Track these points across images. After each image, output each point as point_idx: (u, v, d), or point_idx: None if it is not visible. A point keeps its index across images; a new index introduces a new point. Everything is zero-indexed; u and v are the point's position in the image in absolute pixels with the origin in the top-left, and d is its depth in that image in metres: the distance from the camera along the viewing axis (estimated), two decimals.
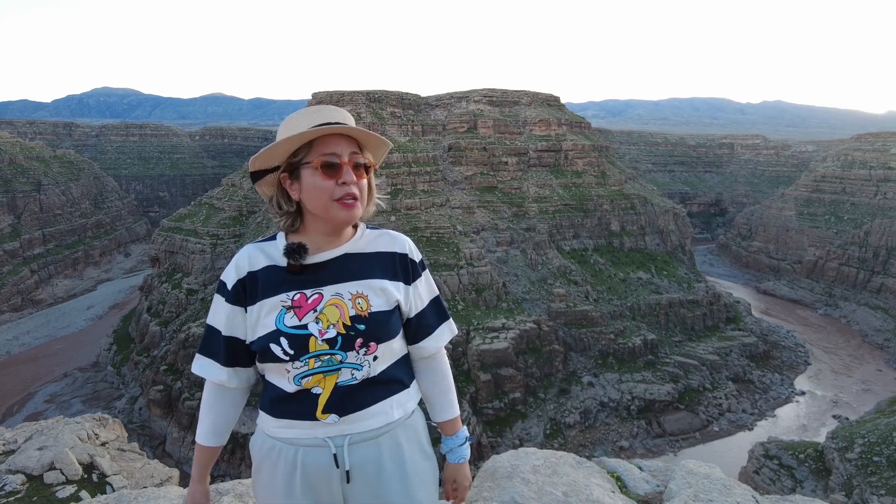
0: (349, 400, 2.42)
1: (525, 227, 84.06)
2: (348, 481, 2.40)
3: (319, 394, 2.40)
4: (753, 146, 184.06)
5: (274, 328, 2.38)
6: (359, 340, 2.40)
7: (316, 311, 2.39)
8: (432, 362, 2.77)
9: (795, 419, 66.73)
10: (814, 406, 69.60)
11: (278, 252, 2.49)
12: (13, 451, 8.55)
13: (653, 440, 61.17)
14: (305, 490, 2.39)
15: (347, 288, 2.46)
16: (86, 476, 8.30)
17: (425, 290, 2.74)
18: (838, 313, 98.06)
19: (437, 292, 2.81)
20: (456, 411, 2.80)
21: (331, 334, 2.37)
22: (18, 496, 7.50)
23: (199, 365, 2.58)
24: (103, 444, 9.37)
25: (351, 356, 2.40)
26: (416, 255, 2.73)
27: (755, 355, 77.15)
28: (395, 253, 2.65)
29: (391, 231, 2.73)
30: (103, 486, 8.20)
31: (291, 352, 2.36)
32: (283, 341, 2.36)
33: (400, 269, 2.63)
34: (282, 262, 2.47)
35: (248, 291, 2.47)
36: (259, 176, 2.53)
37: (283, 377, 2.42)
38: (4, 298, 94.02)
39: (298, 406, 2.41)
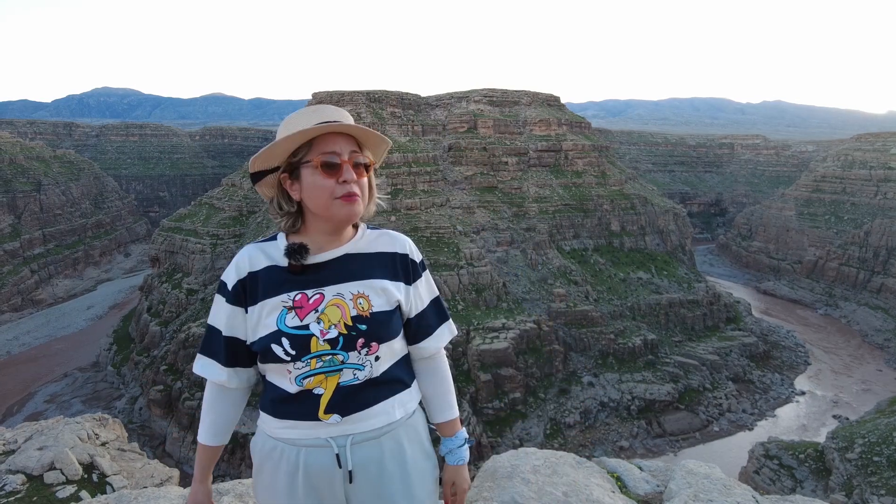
0: (351, 400, 2.42)
1: (525, 227, 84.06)
2: (351, 481, 2.40)
3: (321, 394, 2.39)
4: (753, 146, 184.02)
5: (275, 328, 2.37)
6: (360, 340, 2.40)
7: (317, 312, 2.39)
8: (432, 363, 2.77)
9: (795, 419, 66.71)
10: (814, 406, 69.59)
11: (279, 252, 2.48)
12: (13, 451, 8.54)
13: (653, 440, 61.17)
14: (308, 490, 2.39)
15: (349, 288, 2.45)
16: (86, 476, 8.30)
17: (426, 291, 2.74)
18: (838, 313, 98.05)
19: (438, 293, 2.81)
20: (455, 412, 2.79)
21: (332, 334, 2.37)
22: (18, 496, 7.50)
23: (200, 365, 2.58)
24: (103, 444, 9.37)
25: (353, 356, 2.40)
26: (417, 256, 2.73)
27: (755, 355, 77.14)
28: (396, 253, 2.65)
29: (391, 231, 2.73)
30: (103, 486, 8.20)
31: (293, 352, 2.35)
32: (285, 342, 2.35)
33: (401, 270, 2.63)
34: (282, 263, 2.46)
35: (249, 292, 2.46)
36: (259, 177, 2.52)
37: (285, 378, 2.42)
38: (4, 298, 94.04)
39: (300, 407, 2.41)
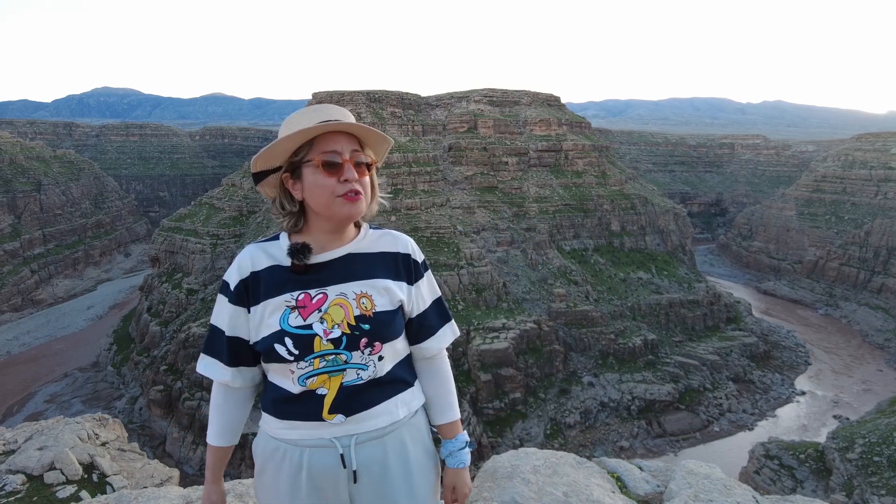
0: (355, 400, 2.41)
1: (525, 227, 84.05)
2: (355, 481, 2.39)
3: (325, 394, 2.39)
4: (754, 146, 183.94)
5: (278, 328, 2.37)
6: (363, 340, 2.40)
7: (320, 311, 2.39)
8: (433, 363, 2.76)
9: (796, 419, 66.69)
10: (814, 406, 69.56)
11: (281, 252, 2.48)
12: (13, 451, 8.54)
13: (653, 440, 61.15)
14: (311, 491, 2.38)
15: (352, 288, 2.45)
16: (86, 476, 8.30)
17: (427, 291, 2.74)
18: (839, 313, 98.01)
19: (440, 293, 2.81)
20: (456, 414, 2.77)
21: (335, 334, 2.37)
22: (18, 496, 7.50)
23: (204, 365, 2.58)
24: (103, 444, 9.37)
25: (356, 356, 2.40)
26: (419, 256, 2.73)
27: (756, 355, 77.11)
28: (398, 253, 2.65)
29: (394, 231, 2.73)
30: (103, 486, 8.20)
31: (296, 352, 2.35)
32: (288, 341, 2.35)
33: (403, 269, 2.63)
34: (285, 262, 2.46)
35: (251, 292, 2.46)
36: (261, 177, 2.51)
37: (288, 378, 2.41)
38: (4, 298, 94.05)
39: (303, 407, 2.40)
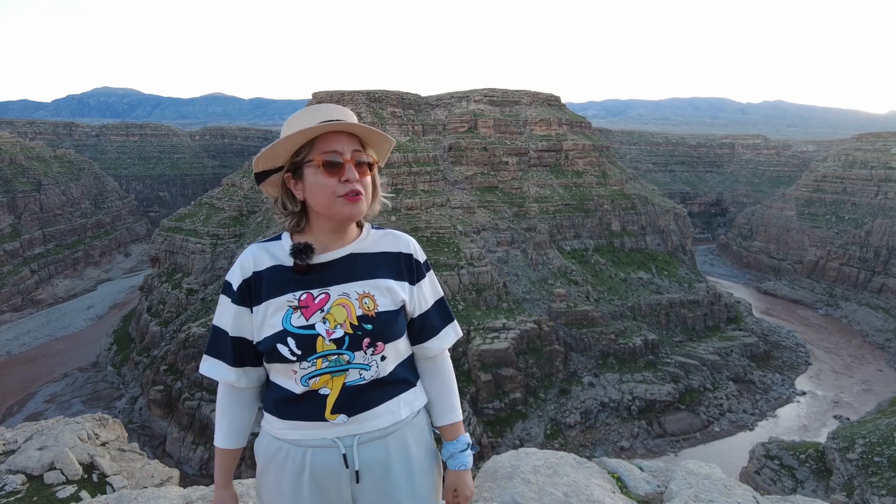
0: (358, 400, 2.41)
1: (525, 227, 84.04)
2: (357, 481, 2.39)
3: (327, 395, 2.39)
4: (754, 146, 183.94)
5: (281, 328, 2.37)
6: (366, 340, 2.40)
7: (323, 311, 2.39)
8: (435, 364, 2.75)
9: (796, 419, 66.68)
10: (815, 406, 69.54)
11: (283, 252, 2.48)
12: (13, 451, 8.54)
13: (653, 440, 61.14)
14: (313, 491, 2.38)
15: (354, 288, 2.45)
16: (86, 476, 8.30)
17: (430, 291, 2.73)
18: (839, 313, 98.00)
19: (442, 294, 2.80)
20: (458, 416, 2.75)
21: (338, 334, 2.37)
22: (19, 496, 7.50)
23: (207, 366, 2.56)
24: (103, 445, 9.37)
25: (358, 356, 2.40)
26: (421, 256, 2.73)
27: (756, 355, 77.10)
28: (401, 253, 2.65)
29: (396, 231, 2.73)
30: (103, 487, 8.20)
31: (299, 352, 2.35)
32: (291, 341, 2.35)
33: (405, 269, 2.63)
34: (287, 262, 2.46)
35: (254, 291, 2.46)
36: (264, 177, 2.51)
37: (290, 378, 2.41)
38: (4, 298, 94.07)
39: (306, 407, 2.40)
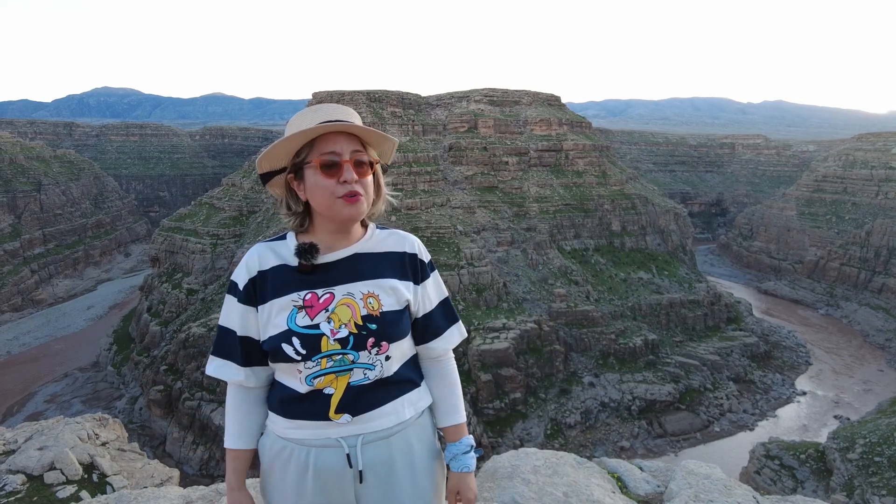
0: (362, 400, 2.41)
1: (526, 227, 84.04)
2: (361, 481, 2.39)
3: (332, 394, 2.39)
4: (754, 146, 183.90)
5: (286, 328, 2.37)
6: (371, 340, 2.40)
7: (328, 311, 2.39)
8: (439, 364, 2.75)
9: (796, 419, 66.66)
10: (815, 406, 69.52)
11: (289, 252, 2.49)
12: (13, 451, 8.54)
13: (653, 440, 61.13)
14: (317, 491, 2.38)
15: (359, 287, 2.46)
16: (86, 476, 8.30)
17: (434, 291, 2.73)
18: (839, 313, 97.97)
19: (447, 294, 2.80)
20: (462, 417, 2.74)
21: (343, 334, 2.37)
22: (19, 496, 7.50)
23: (215, 366, 2.55)
24: (103, 445, 9.37)
25: (363, 356, 2.40)
26: (426, 256, 2.73)
27: (756, 355, 77.07)
28: (405, 253, 2.65)
29: (400, 231, 2.72)
30: (103, 486, 8.20)
31: (303, 351, 2.35)
32: (296, 341, 2.35)
33: (409, 269, 2.63)
34: (292, 262, 2.46)
35: (259, 291, 2.47)
36: (269, 177, 2.53)
37: (295, 377, 2.42)
38: (5, 298, 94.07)
39: (311, 406, 2.40)
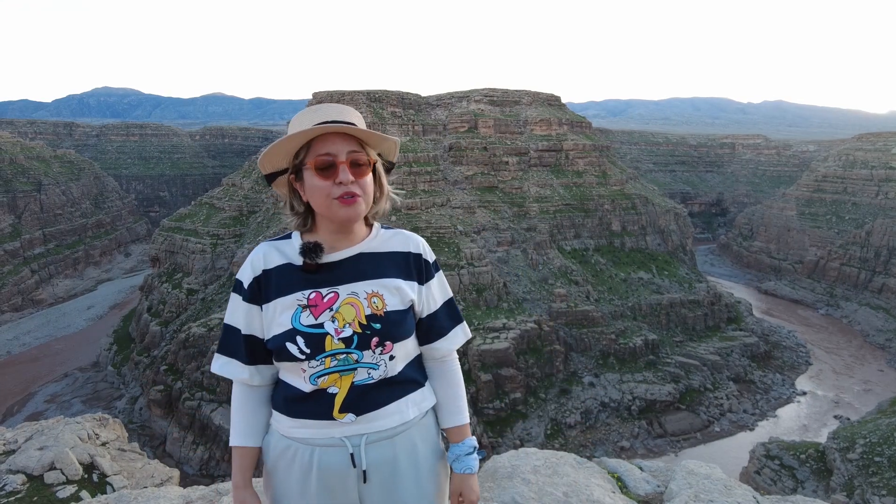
0: (366, 399, 2.41)
1: (526, 227, 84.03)
2: (365, 481, 2.39)
3: (336, 393, 2.39)
4: (755, 146, 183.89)
5: (290, 327, 2.38)
6: (375, 339, 2.40)
7: (332, 310, 2.39)
8: (443, 365, 2.74)
9: (797, 419, 66.66)
10: (815, 406, 69.52)
11: (294, 251, 2.50)
12: (13, 451, 8.54)
13: (654, 440, 61.13)
14: (320, 490, 2.38)
15: (363, 287, 2.46)
16: (86, 476, 8.30)
17: (438, 292, 2.73)
18: (840, 313, 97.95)
19: (451, 294, 2.79)
20: (465, 418, 2.74)
21: (347, 333, 2.37)
22: (19, 496, 7.50)
23: (220, 364, 2.56)
24: (104, 444, 9.37)
25: (367, 355, 2.40)
26: (430, 256, 2.73)
27: (756, 355, 77.07)
28: (410, 253, 2.65)
29: (405, 231, 2.73)
30: (104, 486, 8.20)
31: (308, 350, 2.35)
32: (300, 340, 2.36)
33: (414, 269, 2.63)
34: (297, 261, 2.47)
35: (263, 289, 2.47)
36: (274, 178, 2.54)
37: (299, 376, 2.42)
38: (5, 298, 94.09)
39: (315, 406, 2.40)
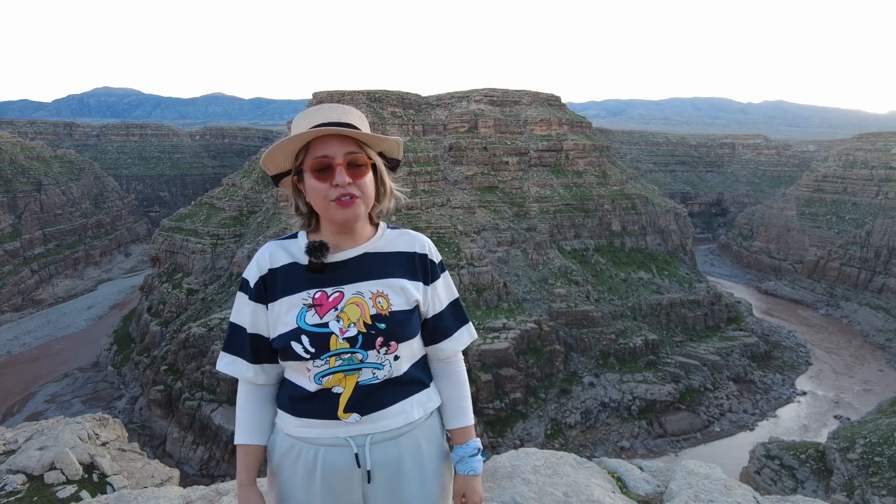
0: (370, 399, 2.41)
1: (526, 227, 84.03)
2: (369, 481, 2.39)
3: (340, 393, 2.39)
4: (755, 146, 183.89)
5: (295, 326, 2.38)
6: (379, 339, 2.40)
7: (337, 310, 2.40)
8: (448, 366, 2.74)
9: (797, 419, 66.66)
10: (815, 406, 69.52)
11: (300, 250, 2.50)
12: (14, 451, 8.54)
13: (654, 440, 61.13)
14: (324, 489, 2.38)
15: (368, 287, 2.46)
16: (86, 476, 8.30)
17: (444, 292, 2.73)
18: (840, 313, 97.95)
19: (457, 295, 2.79)
20: (469, 420, 2.73)
21: (351, 333, 2.38)
22: (19, 496, 7.50)
23: (225, 362, 2.57)
24: (104, 444, 9.37)
25: (371, 355, 2.40)
26: (436, 256, 2.73)
27: (756, 355, 77.06)
28: (415, 253, 2.65)
29: (411, 231, 2.72)
30: (104, 486, 8.20)
31: (312, 350, 2.36)
32: (305, 339, 2.36)
33: (419, 269, 2.63)
34: (303, 260, 2.48)
35: (269, 288, 2.48)
36: (279, 178, 2.55)
37: (304, 376, 2.42)
38: (5, 298, 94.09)
39: (320, 405, 2.41)
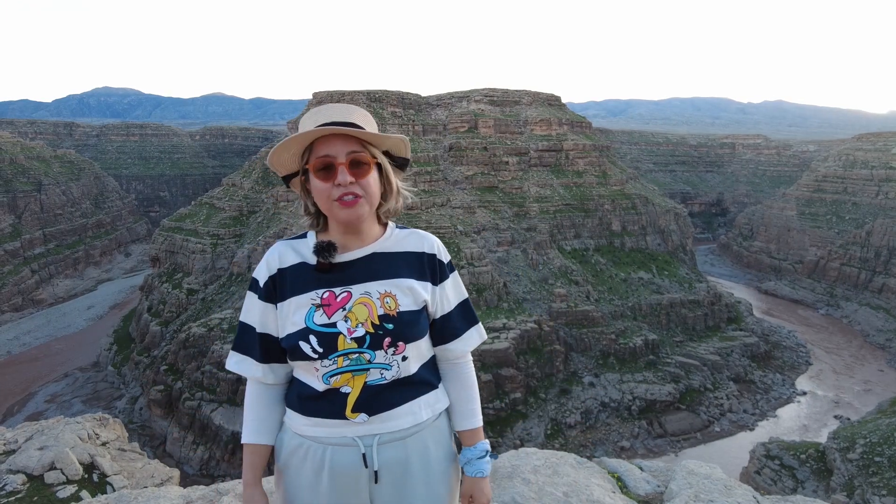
0: (378, 399, 2.42)
1: (526, 227, 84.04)
2: (376, 481, 2.40)
3: (348, 393, 2.40)
4: (755, 146, 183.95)
5: (303, 326, 2.38)
6: (387, 339, 2.40)
7: (345, 310, 2.40)
8: (457, 367, 2.73)
9: (797, 419, 66.67)
10: (815, 406, 69.53)
11: (309, 250, 2.50)
12: (14, 451, 8.54)
13: (654, 440, 61.14)
14: (331, 489, 2.39)
15: (376, 287, 2.46)
16: (86, 476, 8.30)
17: (453, 293, 2.71)
18: (840, 313, 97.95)
19: (466, 295, 2.77)
20: (478, 421, 2.73)
21: (359, 333, 2.38)
22: (19, 496, 7.50)
23: (234, 361, 2.57)
24: (104, 444, 9.38)
25: (379, 355, 2.40)
26: (445, 257, 2.71)
27: (756, 355, 77.08)
28: (424, 253, 2.64)
29: (420, 231, 2.72)
30: (104, 486, 8.21)
31: (320, 350, 2.36)
32: (313, 339, 2.36)
33: (428, 270, 2.62)
34: (311, 260, 2.48)
35: (279, 288, 2.49)
36: (289, 179, 2.56)
37: (313, 375, 2.43)
38: (5, 298, 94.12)
39: (328, 405, 2.41)
